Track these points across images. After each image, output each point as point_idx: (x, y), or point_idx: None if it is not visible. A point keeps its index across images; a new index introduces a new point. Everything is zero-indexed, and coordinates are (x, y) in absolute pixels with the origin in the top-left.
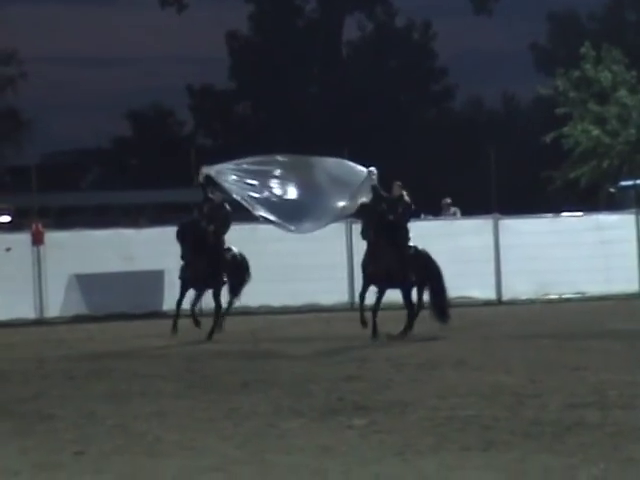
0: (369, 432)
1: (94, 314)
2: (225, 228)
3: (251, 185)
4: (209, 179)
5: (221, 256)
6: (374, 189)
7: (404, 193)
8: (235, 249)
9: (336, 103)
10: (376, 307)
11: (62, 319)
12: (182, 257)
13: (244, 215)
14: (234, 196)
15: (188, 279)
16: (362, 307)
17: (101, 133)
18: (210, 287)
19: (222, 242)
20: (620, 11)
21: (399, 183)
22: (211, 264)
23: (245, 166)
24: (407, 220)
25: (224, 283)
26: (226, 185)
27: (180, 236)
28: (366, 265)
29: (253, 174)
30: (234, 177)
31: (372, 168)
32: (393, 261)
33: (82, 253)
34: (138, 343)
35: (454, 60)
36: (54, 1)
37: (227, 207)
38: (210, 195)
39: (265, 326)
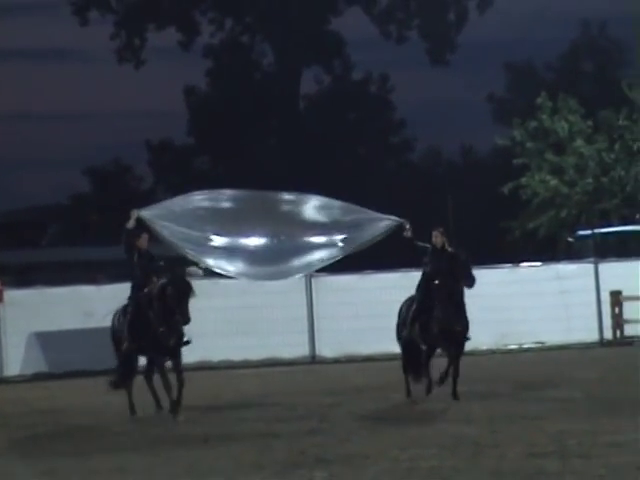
0: None
1: (54, 371)
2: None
3: (193, 232)
4: (140, 223)
5: None
6: (416, 245)
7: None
8: None
9: (295, 155)
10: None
11: (22, 377)
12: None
13: None
14: (176, 246)
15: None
16: (415, 379)
17: (60, 189)
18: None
19: None
20: (575, 61)
21: (441, 230)
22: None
23: (181, 208)
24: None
25: None
26: (165, 233)
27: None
28: (449, 323)
29: (193, 218)
30: (173, 224)
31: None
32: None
33: (42, 311)
34: (99, 400)
35: (412, 112)
36: (9, 56)
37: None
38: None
39: (226, 381)
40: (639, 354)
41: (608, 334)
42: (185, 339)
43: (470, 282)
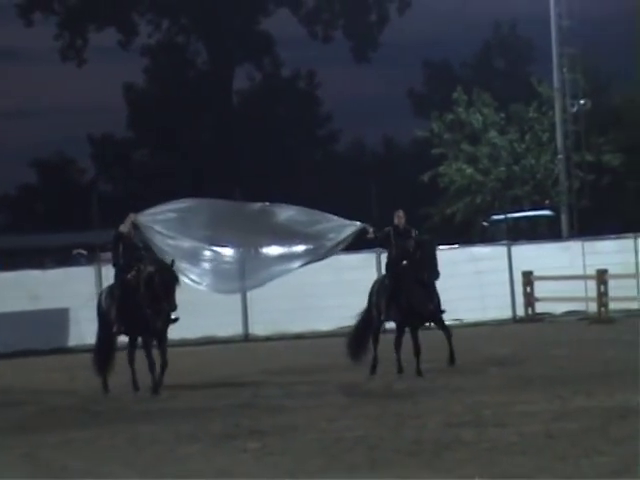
0: (262, 455)
1: (2, 351)
2: None
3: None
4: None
5: None
6: (380, 239)
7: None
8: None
9: (228, 148)
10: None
11: None
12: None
13: None
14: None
15: None
16: (400, 354)
17: (7, 181)
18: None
19: None
20: (488, 58)
21: (402, 211)
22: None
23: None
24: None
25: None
26: (157, 240)
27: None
28: (421, 304)
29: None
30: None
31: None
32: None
33: None
34: (45, 377)
35: (338, 106)
36: None
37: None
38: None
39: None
40: (549, 330)
41: (520, 311)
42: (173, 317)
43: (434, 276)
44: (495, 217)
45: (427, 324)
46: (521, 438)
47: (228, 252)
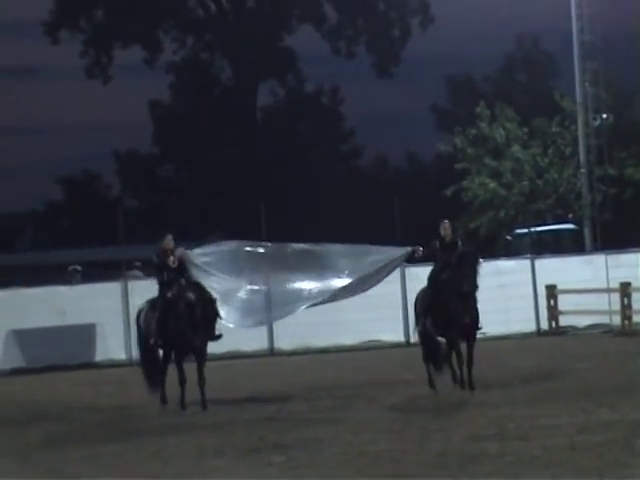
0: (287, 468)
1: (30, 367)
2: None
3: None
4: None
5: None
6: (428, 254)
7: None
8: None
9: (252, 164)
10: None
11: (1, 372)
12: None
13: None
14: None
15: None
16: (452, 363)
17: (34, 197)
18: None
19: None
20: (511, 73)
21: (447, 222)
22: None
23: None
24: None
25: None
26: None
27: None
28: (459, 316)
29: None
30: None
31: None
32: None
33: (18, 310)
34: (72, 392)
35: (361, 122)
36: None
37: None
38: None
39: (191, 373)
40: (572, 343)
41: (544, 325)
42: (217, 333)
43: (471, 287)
44: (519, 231)
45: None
46: (545, 451)
47: (258, 286)
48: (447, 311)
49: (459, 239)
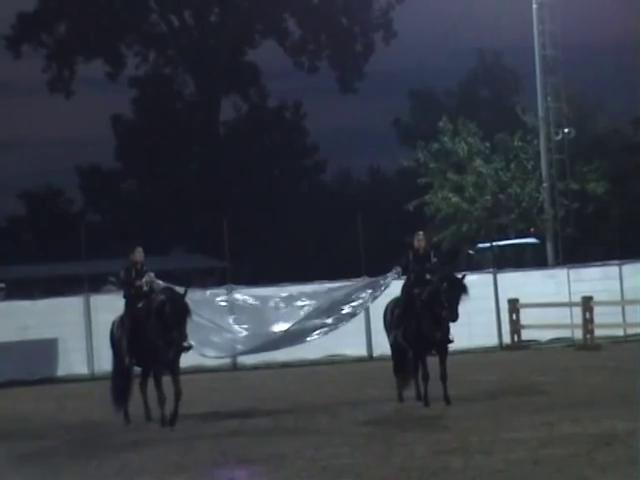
0: None
1: None
2: None
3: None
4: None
5: None
6: (405, 269)
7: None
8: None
9: (215, 178)
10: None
11: None
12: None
13: None
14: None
15: None
16: (417, 379)
17: None
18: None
19: None
20: (474, 88)
21: (421, 234)
22: None
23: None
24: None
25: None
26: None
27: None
28: (429, 332)
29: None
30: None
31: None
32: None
33: None
34: (34, 407)
35: (324, 136)
36: None
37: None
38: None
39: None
40: (535, 357)
41: (507, 339)
42: (185, 344)
43: (453, 318)
44: (481, 245)
45: (433, 352)
46: (508, 465)
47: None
48: (418, 325)
49: (432, 251)
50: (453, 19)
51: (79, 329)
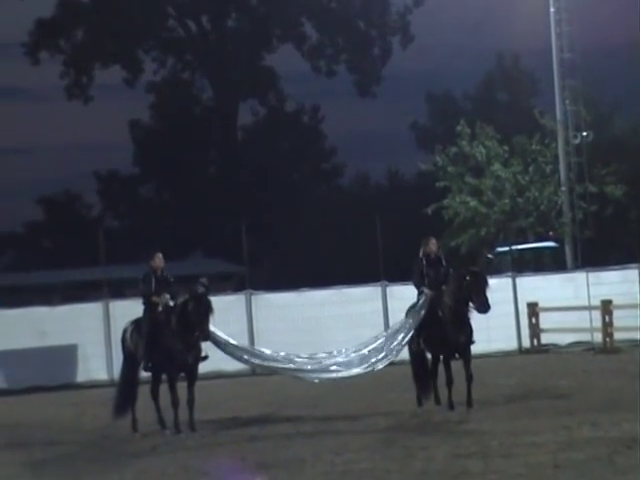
0: None
1: (11, 388)
2: None
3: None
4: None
5: None
6: (418, 268)
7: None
8: None
9: (233, 183)
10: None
11: None
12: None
13: None
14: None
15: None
16: (436, 384)
17: (14, 218)
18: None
19: None
20: (491, 91)
21: (433, 239)
22: None
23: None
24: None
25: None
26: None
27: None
28: (453, 335)
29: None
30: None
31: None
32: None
33: None
34: (54, 413)
35: (342, 140)
36: None
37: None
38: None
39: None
40: (554, 361)
41: (526, 342)
42: (203, 354)
43: (485, 309)
44: (500, 249)
45: (456, 356)
46: (528, 469)
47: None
48: (442, 330)
49: (442, 256)
50: (470, 23)
51: (98, 335)
